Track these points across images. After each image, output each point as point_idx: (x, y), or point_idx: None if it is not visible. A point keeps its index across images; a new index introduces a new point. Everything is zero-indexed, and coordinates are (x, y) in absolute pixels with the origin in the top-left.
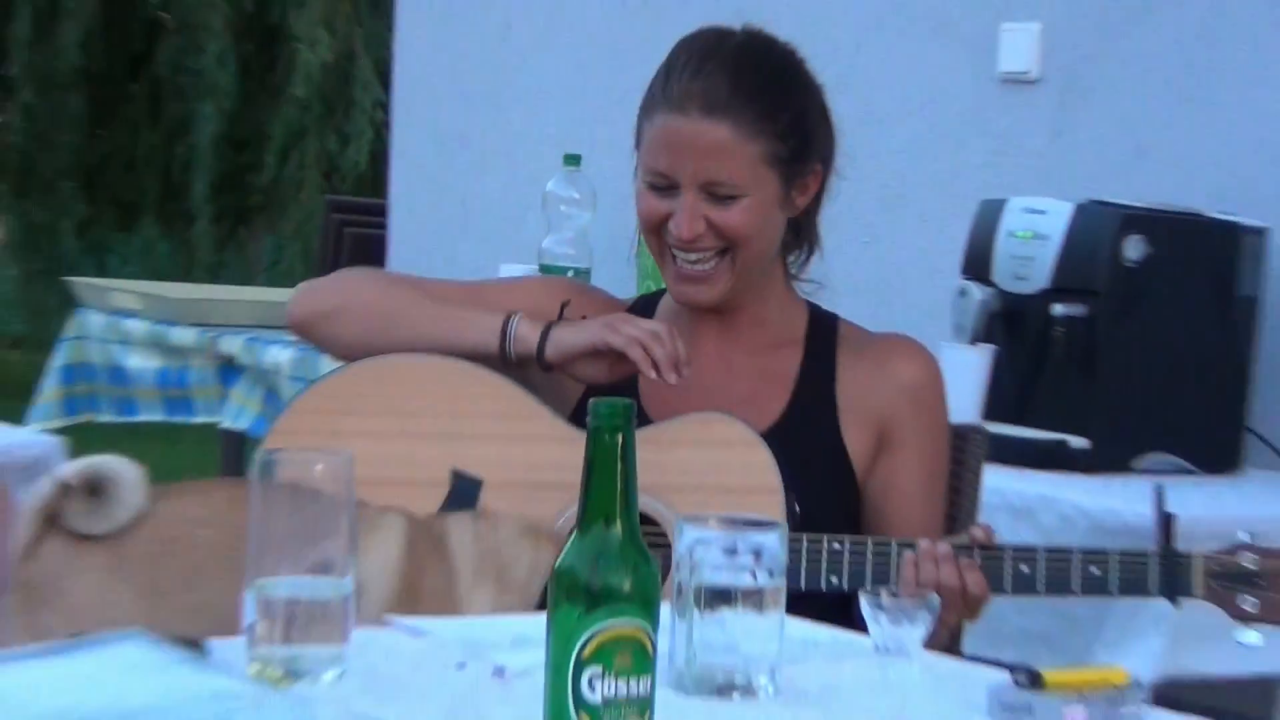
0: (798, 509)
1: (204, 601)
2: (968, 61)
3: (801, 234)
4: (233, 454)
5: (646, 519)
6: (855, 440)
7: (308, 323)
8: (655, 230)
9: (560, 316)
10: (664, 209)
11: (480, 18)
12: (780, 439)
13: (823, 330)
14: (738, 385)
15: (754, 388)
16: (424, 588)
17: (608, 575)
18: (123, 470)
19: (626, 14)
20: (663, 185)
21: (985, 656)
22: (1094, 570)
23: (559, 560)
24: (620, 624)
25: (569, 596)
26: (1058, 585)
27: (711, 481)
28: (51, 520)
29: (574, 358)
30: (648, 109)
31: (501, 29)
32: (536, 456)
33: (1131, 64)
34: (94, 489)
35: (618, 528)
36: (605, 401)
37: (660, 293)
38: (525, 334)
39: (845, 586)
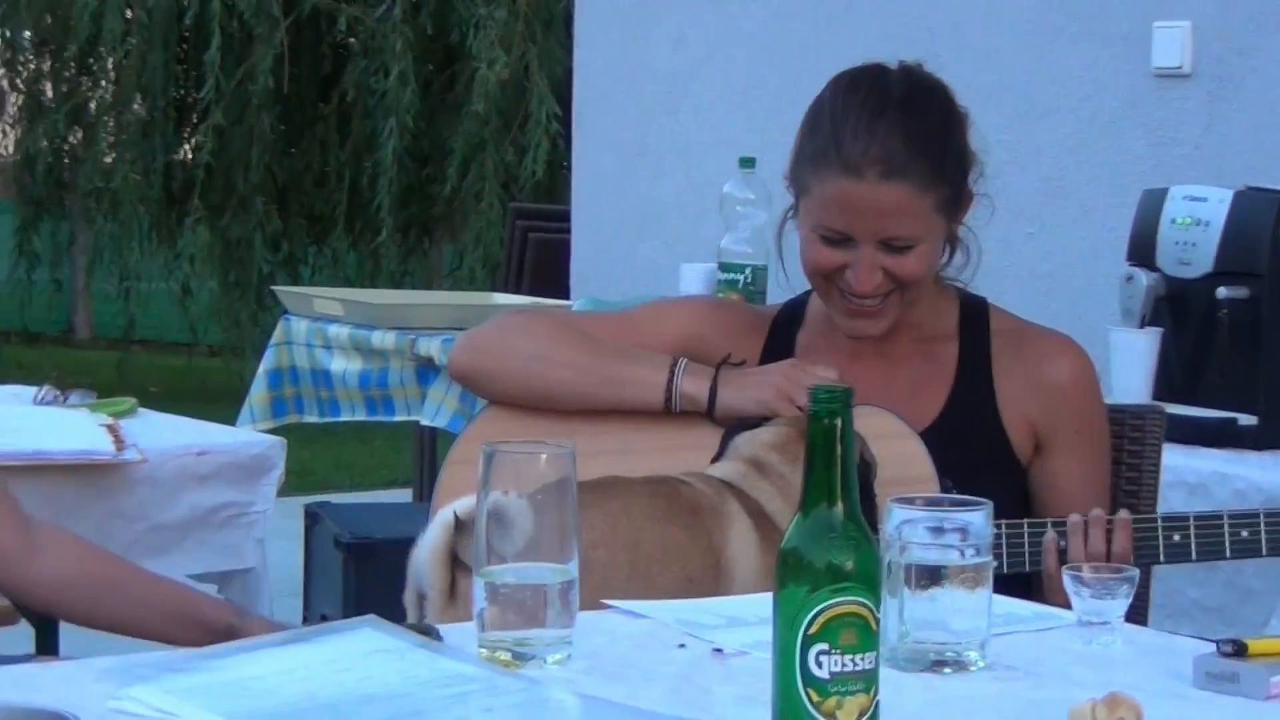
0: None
1: None
2: (1123, 58)
3: (951, 243)
4: (427, 449)
5: None
6: (1016, 430)
7: (468, 379)
8: (825, 275)
9: (722, 364)
10: (838, 259)
11: (654, 31)
12: (944, 431)
13: (975, 319)
14: (899, 383)
15: (915, 384)
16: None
17: (831, 554)
18: (514, 508)
19: (793, 21)
20: (837, 239)
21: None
22: (1244, 534)
23: (784, 541)
24: (845, 602)
25: (794, 576)
26: (1210, 551)
27: None
28: (455, 559)
29: (744, 415)
30: (816, 164)
31: (675, 41)
32: (695, 465)
33: None
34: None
35: (839, 508)
36: (824, 387)
37: (806, 294)
38: (692, 394)
39: (1005, 569)
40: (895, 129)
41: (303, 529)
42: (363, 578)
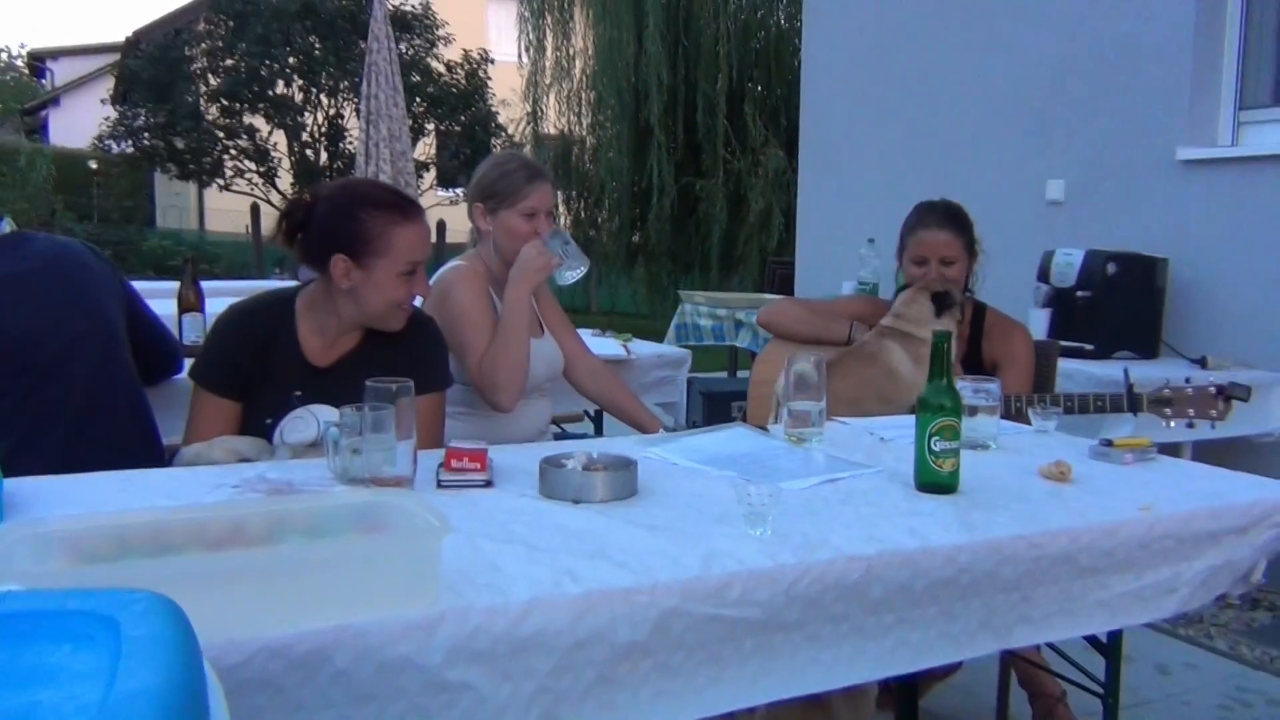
0: None
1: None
2: (1029, 193)
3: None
4: (733, 358)
5: None
6: (987, 361)
7: (765, 325)
8: (918, 279)
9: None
10: (920, 271)
11: (831, 180)
12: (962, 359)
13: (979, 314)
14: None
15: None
16: (918, 354)
17: (941, 400)
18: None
19: (895, 166)
20: (921, 262)
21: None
22: (1098, 403)
23: (920, 394)
24: (947, 419)
25: (925, 408)
26: (1083, 409)
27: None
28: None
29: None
30: (912, 229)
31: (839, 187)
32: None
33: None
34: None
35: (945, 380)
36: (939, 330)
37: (898, 293)
38: (857, 338)
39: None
40: (943, 216)
41: (685, 386)
42: (711, 409)
